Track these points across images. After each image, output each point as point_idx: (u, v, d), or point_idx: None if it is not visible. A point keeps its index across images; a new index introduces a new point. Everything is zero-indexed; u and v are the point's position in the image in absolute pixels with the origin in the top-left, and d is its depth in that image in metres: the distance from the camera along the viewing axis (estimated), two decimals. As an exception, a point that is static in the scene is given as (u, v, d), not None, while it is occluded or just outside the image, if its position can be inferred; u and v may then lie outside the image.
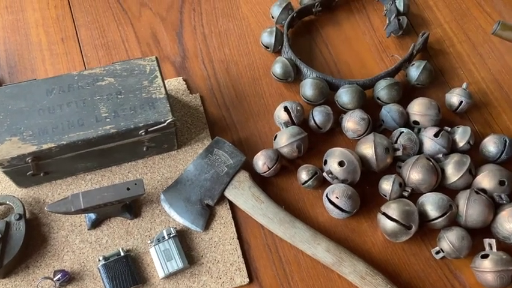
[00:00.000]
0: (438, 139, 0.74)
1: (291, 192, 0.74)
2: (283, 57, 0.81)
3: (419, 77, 0.81)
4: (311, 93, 0.78)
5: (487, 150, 0.76)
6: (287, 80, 0.82)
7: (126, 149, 0.70)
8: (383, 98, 0.79)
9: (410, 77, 0.82)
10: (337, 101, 0.79)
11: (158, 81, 0.70)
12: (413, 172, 0.71)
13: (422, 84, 0.82)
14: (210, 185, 0.71)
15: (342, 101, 0.78)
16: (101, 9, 0.90)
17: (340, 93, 0.78)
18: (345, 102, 0.78)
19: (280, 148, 0.74)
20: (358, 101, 0.78)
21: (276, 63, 0.81)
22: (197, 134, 0.77)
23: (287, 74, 0.81)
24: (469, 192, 0.69)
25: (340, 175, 0.71)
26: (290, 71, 0.81)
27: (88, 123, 0.66)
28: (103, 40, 0.86)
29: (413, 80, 0.81)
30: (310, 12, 0.89)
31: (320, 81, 0.78)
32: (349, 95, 0.77)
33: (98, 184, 0.72)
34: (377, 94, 0.79)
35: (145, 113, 0.67)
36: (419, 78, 0.81)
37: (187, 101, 0.80)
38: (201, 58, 0.85)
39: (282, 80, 0.82)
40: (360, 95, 0.78)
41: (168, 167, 0.74)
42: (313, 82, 0.78)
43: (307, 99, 0.79)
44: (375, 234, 0.72)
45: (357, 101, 0.77)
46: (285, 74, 0.81)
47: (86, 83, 0.69)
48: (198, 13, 0.91)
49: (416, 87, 0.83)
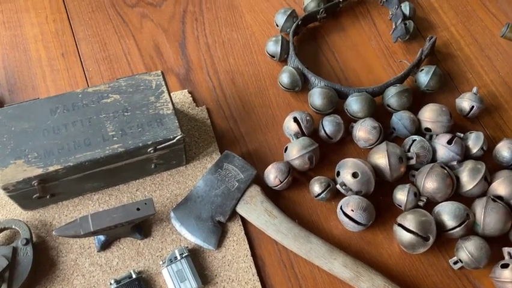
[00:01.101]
0: (452, 146, 0.72)
1: (304, 206, 0.73)
2: (290, 67, 0.80)
3: (429, 83, 0.79)
4: (320, 103, 0.77)
5: (500, 155, 0.74)
6: (294, 89, 0.80)
7: (134, 167, 0.68)
8: (393, 105, 0.77)
9: (420, 83, 0.80)
10: (346, 109, 0.77)
11: (165, 96, 0.68)
12: (428, 181, 0.70)
13: (432, 90, 0.80)
14: (221, 201, 0.69)
15: (352, 110, 0.77)
16: (101, 22, 0.88)
17: (349, 101, 0.77)
18: (355, 110, 0.76)
19: (292, 160, 0.72)
20: (368, 109, 0.76)
21: (283, 73, 0.79)
22: (205, 148, 0.75)
23: (295, 83, 0.79)
24: (485, 200, 0.68)
25: (354, 187, 0.70)
26: (297, 80, 0.79)
27: (94, 142, 0.64)
28: (104, 54, 0.84)
29: (422, 86, 0.80)
30: (315, 19, 0.88)
31: (328, 90, 0.77)
32: (359, 103, 0.76)
33: (106, 204, 0.70)
34: (387, 101, 0.78)
35: (153, 130, 0.65)
36: (429, 84, 0.79)
37: (193, 114, 0.78)
38: (206, 69, 0.84)
39: (290, 90, 0.80)
40: (370, 103, 0.76)
41: (177, 184, 0.72)
42: (321, 91, 0.76)
43: (316, 108, 0.78)
44: (392, 245, 0.70)
45: (367, 109, 0.76)
46: (293, 83, 0.79)
47: (91, 100, 0.67)
48: (201, 23, 0.89)
49: (425, 92, 0.81)
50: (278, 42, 0.82)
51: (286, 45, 0.83)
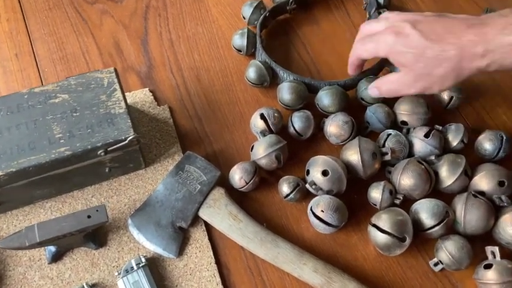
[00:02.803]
0: (429, 139, 0.68)
1: (273, 208, 0.68)
2: (257, 61, 0.75)
3: None
4: (289, 98, 0.72)
5: (482, 148, 0.70)
6: (263, 84, 0.75)
7: (86, 171, 0.63)
8: (367, 99, 0.73)
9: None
10: (317, 104, 0.73)
11: (117, 94, 0.63)
12: (404, 177, 0.65)
13: None
14: (182, 205, 0.65)
15: (323, 104, 0.72)
16: (58, 20, 0.83)
17: (320, 95, 0.72)
18: (326, 105, 0.72)
19: (258, 160, 0.67)
20: (340, 103, 0.71)
21: (250, 68, 0.75)
22: (167, 150, 0.70)
23: (262, 78, 0.75)
24: (466, 196, 0.63)
25: (324, 186, 0.65)
26: (265, 74, 0.74)
27: (40, 146, 0.59)
28: (61, 53, 0.79)
29: None
30: (285, 11, 0.83)
31: (297, 84, 0.72)
32: (330, 97, 0.71)
33: (59, 211, 0.66)
34: (360, 94, 0.73)
35: (103, 130, 0.61)
36: None
37: (154, 113, 0.73)
38: (169, 66, 0.79)
39: (258, 85, 0.76)
40: (342, 97, 0.72)
41: (136, 188, 0.67)
42: (290, 85, 0.72)
43: (285, 104, 0.73)
44: (367, 248, 0.65)
45: (338, 103, 0.71)
46: (260, 78, 0.75)
47: (38, 101, 0.63)
48: (164, 18, 0.84)
49: None
50: (244, 35, 0.77)
51: (253, 38, 0.78)
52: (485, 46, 0.56)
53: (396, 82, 0.65)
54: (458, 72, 0.59)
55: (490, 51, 0.56)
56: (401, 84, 0.65)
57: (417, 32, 0.60)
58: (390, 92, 0.68)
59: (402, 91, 0.66)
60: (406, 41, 0.61)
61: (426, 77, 0.61)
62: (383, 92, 0.68)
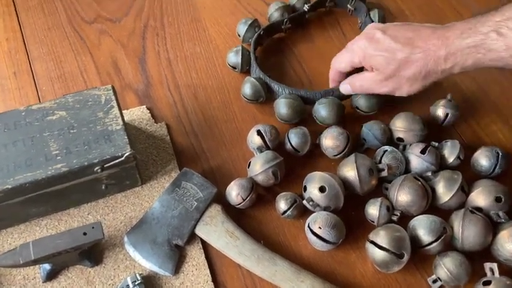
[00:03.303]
0: (426, 156, 0.68)
1: (270, 225, 0.68)
2: (252, 77, 0.76)
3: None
4: (286, 113, 0.73)
5: (478, 164, 0.70)
6: (258, 100, 0.76)
7: (83, 188, 0.63)
8: (362, 107, 0.73)
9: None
10: (315, 116, 0.74)
11: (114, 111, 0.64)
12: (401, 194, 0.65)
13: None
14: (178, 222, 0.64)
15: (320, 116, 0.73)
16: (57, 39, 0.84)
17: (317, 108, 0.73)
18: (324, 116, 0.72)
19: (255, 176, 0.67)
20: (337, 113, 0.72)
21: (245, 84, 0.75)
22: (164, 167, 0.70)
23: (257, 94, 0.75)
24: (463, 212, 0.63)
25: (321, 202, 0.65)
26: (260, 90, 0.75)
27: (36, 163, 0.59)
28: (59, 72, 0.80)
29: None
30: (280, 30, 0.84)
31: (293, 99, 0.73)
32: (326, 108, 0.72)
33: (55, 229, 0.65)
34: (355, 103, 0.74)
35: (100, 147, 0.61)
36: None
37: (151, 131, 0.74)
38: (166, 84, 0.80)
39: (253, 101, 0.76)
40: (338, 107, 0.72)
41: (132, 206, 0.67)
42: (286, 101, 0.73)
43: (282, 119, 0.74)
44: (365, 265, 0.65)
45: (335, 114, 0.72)
46: (255, 94, 0.75)
47: (35, 118, 0.63)
48: (162, 38, 0.85)
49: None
50: (238, 52, 0.78)
51: (247, 55, 0.79)
52: (447, 49, 0.61)
53: (369, 80, 0.68)
54: (426, 74, 0.64)
55: (451, 54, 0.61)
56: (373, 82, 0.68)
57: (387, 36, 0.65)
58: (362, 89, 0.70)
59: (374, 89, 0.69)
60: (377, 45, 0.65)
61: (396, 78, 0.65)
62: (356, 88, 0.71)
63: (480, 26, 0.59)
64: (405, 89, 0.66)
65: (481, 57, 0.60)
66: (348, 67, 0.71)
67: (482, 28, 0.59)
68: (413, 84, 0.65)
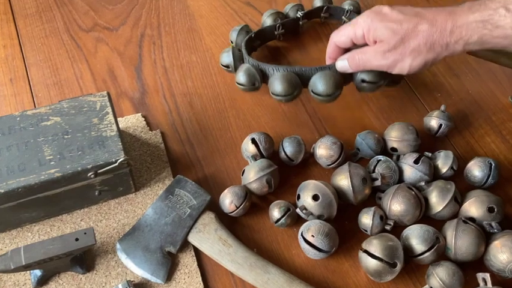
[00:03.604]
0: (419, 166, 0.68)
1: (264, 233, 0.67)
2: (245, 64, 0.75)
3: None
4: (281, 87, 0.71)
5: (472, 175, 0.70)
6: (254, 85, 0.74)
7: (76, 194, 0.63)
8: (366, 78, 0.71)
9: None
10: (312, 91, 0.72)
11: (109, 117, 0.64)
12: (394, 203, 0.65)
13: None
14: (171, 229, 0.64)
15: (317, 90, 0.71)
16: (54, 47, 0.84)
17: (313, 81, 0.71)
18: (321, 90, 0.70)
19: (249, 184, 0.67)
20: (335, 85, 0.70)
21: (239, 72, 0.74)
22: (157, 174, 0.70)
23: (252, 77, 0.73)
24: (456, 222, 0.63)
25: (315, 210, 0.65)
26: (254, 73, 0.73)
27: (29, 167, 0.59)
28: (55, 79, 0.80)
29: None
30: (273, 36, 0.85)
31: (288, 73, 0.72)
32: (323, 80, 0.70)
33: (47, 235, 0.65)
34: (360, 76, 0.71)
35: (94, 153, 0.61)
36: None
37: (146, 138, 0.74)
38: (162, 92, 0.80)
39: (249, 87, 0.74)
40: (336, 77, 0.71)
41: (125, 212, 0.67)
42: (281, 75, 0.71)
43: (278, 94, 0.72)
44: (358, 274, 0.65)
45: (334, 86, 0.70)
46: (250, 78, 0.73)
47: (30, 123, 0.63)
48: (159, 46, 0.86)
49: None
50: (230, 51, 0.78)
51: (239, 54, 0.78)
52: (454, 22, 0.61)
53: (370, 52, 0.66)
54: (430, 46, 0.63)
55: (458, 27, 0.61)
56: (374, 54, 0.66)
57: (395, 10, 0.64)
58: (360, 63, 0.68)
59: (373, 61, 0.67)
60: (385, 17, 0.64)
61: (400, 50, 0.64)
62: (354, 61, 0.68)
63: (489, 2, 0.60)
64: (408, 62, 0.64)
65: (486, 33, 0.59)
66: (348, 41, 0.69)
67: (491, 4, 0.59)
68: (417, 57, 0.64)
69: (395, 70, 0.66)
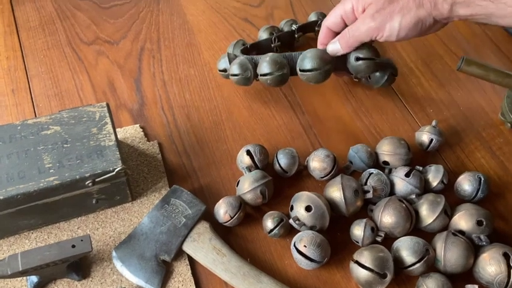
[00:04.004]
0: (410, 179, 0.70)
1: (257, 243, 0.69)
2: (240, 57, 0.78)
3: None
4: (266, 66, 0.74)
5: (462, 189, 0.72)
6: (246, 75, 0.76)
7: (73, 202, 0.64)
8: (361, 54, 0.72)
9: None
10: (300, 71, 0.74)
11: (108, 127, 0.65)
12: (385, 215, 0.66)
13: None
14: (166, 238, 0.65)
15: (304, 66, 0.73)
16: (56, 59, 0.86)
17: (300, 60, 0.73)
18: (309, 66, 0.72)
19: (243, 194, 0.69)
20: (322, 59, 0.72)
21: (233, 65, 0.77)
22: (154, 184, 0.72)
23: (244, 67, 0.76)
24: (445, 234, 0.65)
25: (307, 221, 0.66)
26: (246, 63, 0.76)
27: (29, 175, 0.61)
28: (56, 90, 0.82)
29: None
30: (270, 49, 0.87)
31: (273, 54, 0.75)
32: (309, 54, 0.72)
33: (44, 243, 0.66)
34: (353, 55, 0.73)
35: (92, 162, 0.62)
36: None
37: (144, 149, 0.75)
38: (160, 105, 0.82)
39: (241, 77, 0.76)
40: (323, 52, 0.72)
41: (122, 221, 0.68)
42: (267, 57, 0.74)
43: (263, 74, 0.74)
44: (350, 285, 0.66)
45: (320, 59, 0.72)
46: (243, 68, 0.76)
47: (30, 132, 0.64)
48: (158, 60, 0.88)
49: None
50: (225, 57, 0.81)
51: (234, 57, 0.81)
52: None
53: (358, 22, 0.66)
54: (419, 3, 0.62)
55: None
56: (361, 21, 0.66)
57: None
58: (350, 38, 0.68)
59: (362, 28, 0.66)
60: None
61: (388, 8, 0.63)
62: (344, 39, 0.69)
63: None
64: (397, 21, 0.63)
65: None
66: (339, 21, 0.69)
67: None
68: (406, 15, 0.62)
69: (385, 33, 0.65)
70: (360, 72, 0.75)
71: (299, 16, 0.96)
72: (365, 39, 0.68)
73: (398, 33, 0.64)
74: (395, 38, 0.65)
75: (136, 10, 0.96)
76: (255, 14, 0.97)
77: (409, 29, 0.64)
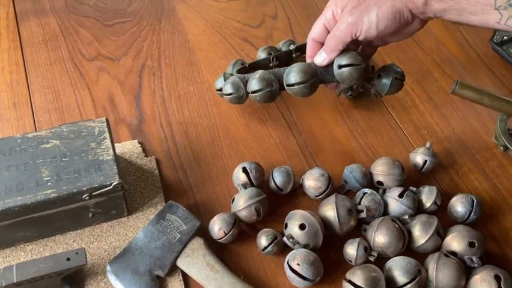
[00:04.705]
0: (403, 199, 0.71)
1: (251, 260, 0.69)
2: (233, 77, 0.80)
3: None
4: (257, 84, 0.76)
5: (455, 210, 0.72)
6: (239, 94, 0.78)
7: (70, 215, 0.65)
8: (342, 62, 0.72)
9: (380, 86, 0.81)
10: (287, 85, 0.75)
11: (106, 142, 0.67)
12: (378, 235, 0.67)
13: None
14: (161, 253, 0.66)
15: (290, 81, 0.74)
16: (57, 74, 0.88)
17: (286, 75, 0.75)
18: (293, 80, 0.74)
19: (238, 211, 0.70)
20: (307, 72, 0.73)
21: (226, 85, 0.79)
22: (150, 199, 0.73)
23: (236, 86, 0.78)
24: (438, 255, 0.65)
25: (301, 239, 0.67)
26: (238, 82, 0.78)
27: (27, 187, 0.62)
28: (57, 104, 0.84)
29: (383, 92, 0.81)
30: (269, 68, 0.88)
31: (262, 71, 0.77)
32: (293, 69, 0.74)
33: (40, 255, 0.66)
34: (336, 64, 0.73)
35: (90, 176, 0.63)
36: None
37: (141, 164, 0.76)
38: (159, 121, 0.83)
39: (234, 96, 0.79)
40: (306, 65, 0.74)
41: (117, 235, 0.69)
42: (256, 74, 0.76)
43: (253, 91, 0.76)
44: (342, 304, 0.66)
45: (304, 72, 0.73)
46: (235, 87, 0.78)
47: (30, 145, 0.66)
48: (158, 77, 0.90)
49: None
50: (221, 76, 0.83)
51: (230, 75, 0.83)
52: None
53: (337, 23, 0.68)
54: None
55: None
56: (340, 20, 0.67)
57: None
58: (332, 40, 0.69)
59: (341, 26, 0.67)
60: None
61: (364, 3, 0.64)
62: (328, 44, 0.70)
63: None
64: (374, 12, 0.64)
65: None
66: (322, 29, 0.70)
67: None
68: (382, 6, 0.63)
69: (364, 26, 0.66)
70: (345, 81, 0.75)
71: (298, 37, 0.98)
72: (346, 38, 0.69)
73: (376, 25, 0.65)
74: (375, 31, 0.66)
75: (138, 28, 0.98)
76: (254, 34, 0.99)
77: (387, 20, 0.64)
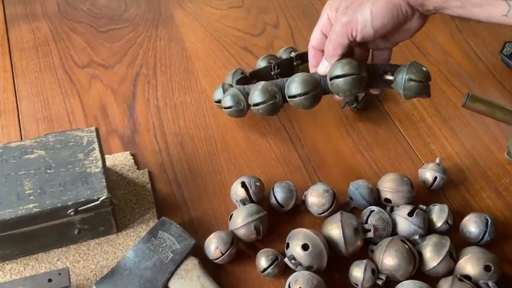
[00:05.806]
0: (413, 218, 0.66)
1: (249, 283, 0.64)
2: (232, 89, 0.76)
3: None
4: (260, 96, 0.72)
5: (467, 230, 0.68)
6: (239, 107, 0.75)
7: (54, 232, 0.60)
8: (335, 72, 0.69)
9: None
10: (288, 96, 0.72)
11: (95, 153, 0.62)
12: (387, 257, 0.62)
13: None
14: (152, 274, 0.61)
15: (291, 92, 0.71)
16: (47, 81, 0.84)
17: (287, 85, 0.72)
18: (294, 91, 0.71)
19: (236, 229, 0.65)
20: (308, 83, 0.70)
21: (225, 97, 0.75)
22: (142, 215, 0.68)
23: (236, 99, 0.75)
24: (451, 279, 0.60)
25: (304, 261, 0.62)
26: (238, 94, 0.75)
27: (7, 201, 0.57)
28: (45, 113, 0.79)
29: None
30: (270, 76, 0.84)
31: (264, 83, 0.73)
32: (294, 79, 0.71)
33: (20, 275, 0.61)
34: (330, 75, 0.69)
35: (76, 189, 0.58)
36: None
37: (133, 177, 0.72)
38: (153, 132, 0.79)
39: (235, 109, 0.75)
40: (308, 76, 0.71)
41: (105, 254, 0.64)
42: (258, 86, 0.73)
43: (255, 104, 0.73)
44: (347, 332, 0.61)
45: (305, 83, 0.70)
46: (235, 100, 0.75)
47: (12, 156, 0.61)
48: (153, 85, 0.86)
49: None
50: (220, 87, 0.79)
51: (229, 86, 0.79)
52: None
53: (334, 22, 0.66)
54: None
55: None
56: (335, 21, 0.65)
57: None
58: (330, 44, 0.67)
59: (337, 27, 0.65)
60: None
61: (357, 1, 0.62)
62: (327, 50, 0.68)
63: None
64: (368, 9, 0.61)
65: None
66: (320, 35, 0.69)
67: None
68: (376, 2, 0.60)
69: (358, 25, 0.63)
70: (340, 92, 0.71)
71: (300, 47, 0.94)
72: (343, 41, 0.66)
73: (371, 22, 0.61)
74: (371, 29, 0.62)
75: (133, 35, 0.95)
76: (255, 43, 0.96)
77: (383, 16, 0.60)
